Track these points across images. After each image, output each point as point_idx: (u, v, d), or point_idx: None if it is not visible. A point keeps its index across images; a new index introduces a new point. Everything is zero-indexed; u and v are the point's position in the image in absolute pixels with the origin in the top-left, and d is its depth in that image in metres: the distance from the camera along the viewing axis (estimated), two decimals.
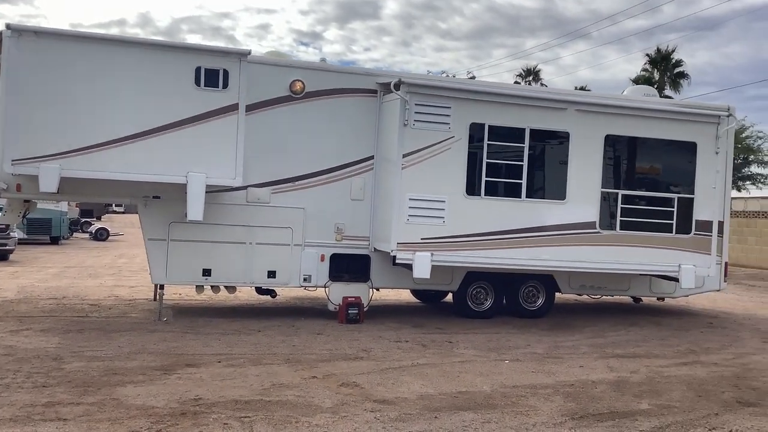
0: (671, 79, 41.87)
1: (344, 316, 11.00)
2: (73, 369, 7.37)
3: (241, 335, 9.67)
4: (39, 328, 9.57)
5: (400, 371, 7.97)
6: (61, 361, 7.68)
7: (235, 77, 10.08)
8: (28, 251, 23.70)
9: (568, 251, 11.29)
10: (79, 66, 9.54)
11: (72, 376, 7.11)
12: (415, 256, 10.58)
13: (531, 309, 12.26)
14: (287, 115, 11.00)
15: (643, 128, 11.71)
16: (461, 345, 9.68)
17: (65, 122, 9.48)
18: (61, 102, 9.47)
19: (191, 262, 10.68)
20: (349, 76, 11.34)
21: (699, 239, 11.76)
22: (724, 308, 14.56)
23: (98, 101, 9.61)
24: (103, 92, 9.63)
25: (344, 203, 11.30)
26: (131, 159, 9.71)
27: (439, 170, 10.74)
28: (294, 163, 11.08)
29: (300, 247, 11.12)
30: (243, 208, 10.88)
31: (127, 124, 9.69)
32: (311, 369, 7.86)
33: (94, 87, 9.60)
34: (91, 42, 9.70)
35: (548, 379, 7.91)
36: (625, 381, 7.95)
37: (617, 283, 12.60)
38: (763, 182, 31.16)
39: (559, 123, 11.29)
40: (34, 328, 9.56)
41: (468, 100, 10.86)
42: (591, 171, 11.41)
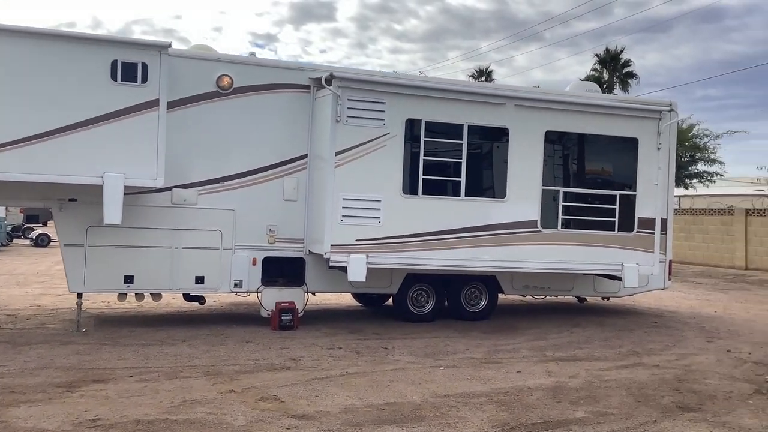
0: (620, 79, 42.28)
1: (277, 323, 10.47)
2: None
3: (163, 346, 9.07)
4: None
5: (327, 382, 7.48)
6: None
7: (155, 71, 9.46)
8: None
9: (509, 251, 10.94)
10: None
11: None
12: (349, 258, 10.11)
13: (473, 311, 11.88)
14: (214, 111, 10.42)
15: (585, 124, 11.44)
16: (397, 351, 9.24)
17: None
18: None
19: (112, 269, 10.02)
20: (280, 71, 10.81)
21: (642, 237, 11.52)
22: (669, 307, 14.41)
23: (6, 96, 8.90)
24: (12, 87, 8.91)
25: (277, 204, 10.76)
26: (42, 159, 9.00)
27: (374, 168, 10.29)
28: (223, 163, 10.50)
29: (230, 251, 10.55)
30: (168, 211, 10.26)
31: (36, 121, 8.97)
32: (231, 382, 7.33)
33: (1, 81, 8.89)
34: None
35: (483, 386, 7.51)
36: (562, 386, 7.59)
37: (561, 283, 12.30)
38: (710, 180, 31.51)
39: (498, 119, 10.93)
40: None
41: (403, 95, 10.42)
42: (531, 168, 11.08)
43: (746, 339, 10.87)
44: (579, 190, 11.58)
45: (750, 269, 23.67)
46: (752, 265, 23.76)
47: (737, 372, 8.57)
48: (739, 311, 14.11)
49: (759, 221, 23.71)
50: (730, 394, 7.46)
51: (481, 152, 11.18)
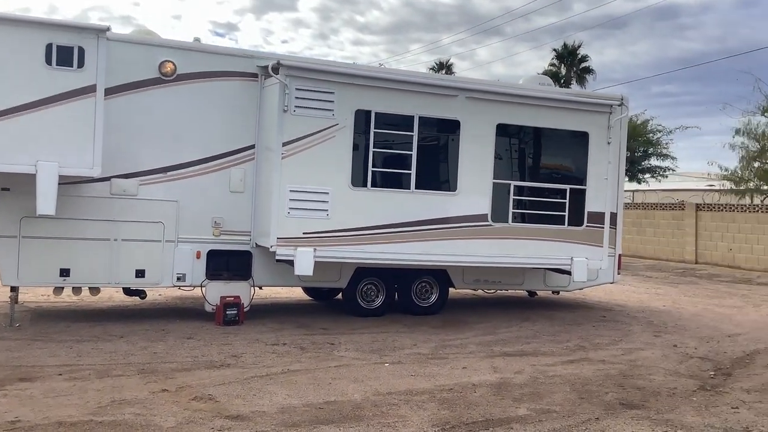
0: (577, 74, 42.74)
1: (222, 318, 10.18)
2: None
3: (99, 342, 8.73)
4: None
5: (267, 380, 7.25)
6: None
7: (92, 56, 9.06)
8: None
9: (459, 245, 10.81)
10: None
11: None
12: (296, 251, 9.86)
13: (424, 306, 11.75)
14: (157, 99, 10.05)
15: (536, 117, 11.34)
16: (343, 347, 9.05)
17: None
18: None
19: (47, 262, 9.61)
20: (227, 58, 10.48)
21: (591, 231, 11.49)
22: (619, 300, 14.48)
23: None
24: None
25: (223, 195, 10.44)
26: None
27: (323, 160, 10.04)
28: (165, 152, 10.15)
29: (173, 244, 10.21)
30: (107, 202, 9.89)
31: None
32: (165, 380, 7.05)
33: None
34: None
35: (427, 383, 7.36)
36: (507, 383, 7.48)
37: (511, 277, 12.23)
38: (662, 175, 31.95)
39: (449, 111, 10.77)
40: None
41: (353, 85, 10.18)
42: (482, 161, 10.95)
43: (693, 333, 10.94)
44: (530, 183, 11.50)
45: (700, 263, 24.04)
46: (702, 259, 24.14)
47: (682, 368, 8.58)
48: (687, 305, 14.24)
49: (709, 216, 24.08)
50: (674, 391, 7.43)
51: (432, 145, 11.02)
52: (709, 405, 6.95)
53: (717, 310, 13.72)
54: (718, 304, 14.63)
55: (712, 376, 8.21)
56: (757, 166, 25.89)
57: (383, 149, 10.48)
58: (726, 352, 9.57)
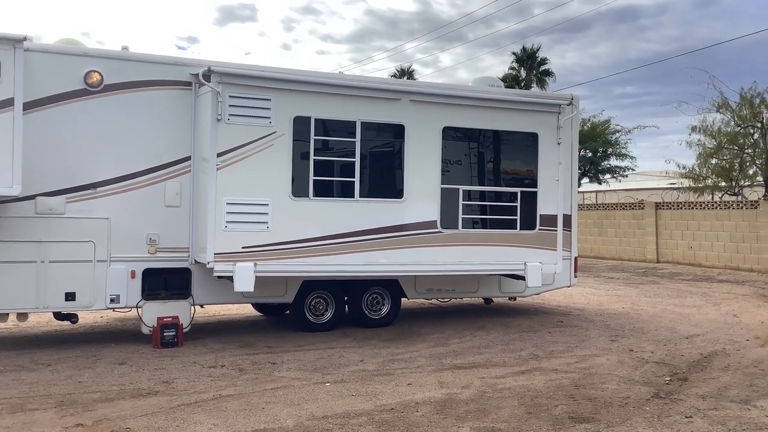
0: (537, 77, 42.72)
1: (159, 340, 9.65)
2: None
3: (23, 372, 8.15)
4: None
5: (195, 407, 6.76)
6: None
7: (8, 68, 8.51)
8: None
9: (408, 254, 10.42)
10: None
11: None
12: (235, 267, 9.38)
13: (376, 318, 11.32)
14: (83, 111, 9.51)
15: (484, 119, 11.02)
16: (285, 366, 8.58)
17: None
18: None
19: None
20: (157, 66, 9.97)
21: (544, 235, 11.19)
22: (578, 304, 14.20)
23: None
24: None
25: (158, 211, 9.92)
26: None
27: (261, 170, 9.59)
28: (94, 167, 9.61)
29: (105, 263, 9.65)
30: (31, 221, 9.30)
31: None
32: (83, 413, 6.52)
33: None
34: None
35: (367, 403, 6.93)
36: (452, 399, 7.08)
37: (465, 284, 11.86)
38: (622, 174, 31.98)
39: (392, 115, 10.39)
40: None
41: (290, 91, 9.75)
42: (429, 166, 10.59)
43: (650, 336, 10.66)
44: (480, 188, 11.17)
45: (661, 262, 23.98)
46: (663, 258, 24.08)
47: (637, 374, 8.26)
48: (647, 306, 14.01)
49: (668, 214, 24.04)
50: (626, 401, 7.09)
51: (377, 151, 10.62)
52: (662, 415, 6.61)
53: (676, 310, 13.50)
54: (678, 303, 14.43)
55: (667, 382, 7.90)
56: (714, 163, 25.99)
57: (325, 157, 10.06)
58: (683, 355, 9.29)
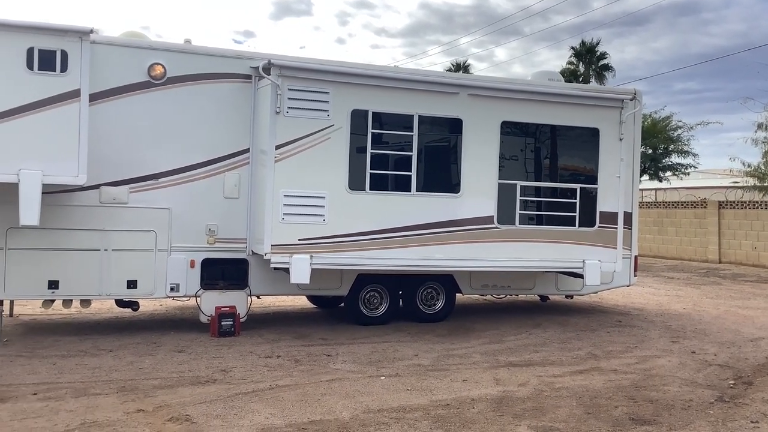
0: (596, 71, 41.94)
1: (216, 329, 9.80)
2: None
3: (85, 357, 8.37)
4: None
5: (252, 396, 6.83)
6: None
7: (75, 59, 8.72)
8: None
9: (464, 249, 10.33)
10: None
11: None
12: (292, 259, 9.45)
13: (430, 312, 11.28)
14: (147, 103, 9.70)
15: (543, 114, 10.84)
16: (340, 359, 8.61)
17: None
18: None
19: (34, 274, 9.27)
20: (218, 60, 10.09)
21: (604, 232, 10.95)
22: (637, 304, 13.89)
23: None
24: None
25: (217, 202, 10.06)
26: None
27: (318, 163, 9.63)
28: (157, 158, 9.79)
29: (165, 253, 9.84)
30: (96, 210, 9.54)
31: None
32: (144, 399, 6.65)
33: None
34: None
35: (422, 398, 6.89)
36: (509, 397, 6.99)
37: (521, 281, 11.72)
38: (684, 172, 31.13)
39: (450, 109, 10.31)
40: None
41: (348, 84, 9.75)
42: (487, 161, 10.47)
43: (713, 339, 10.35)
44: (538, 183, 11.00)
45: (723, 263, 23.29)
46: (725, 259, 23.38)
47: (700, 377, 8.02)
48: (708, 308, 13.62)
49: (732, 214, 23.32)
50: (689, 403, 6.89)
51: (434, 145, 10.55)
52: (727, 419, 6.41)
53: (740, 312, 13.08)
54: (742, 305, 13.99)
55: (731, 385, 7.65)
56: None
57: (382, 150, 10.04)
58: (747, 359, 8.99)
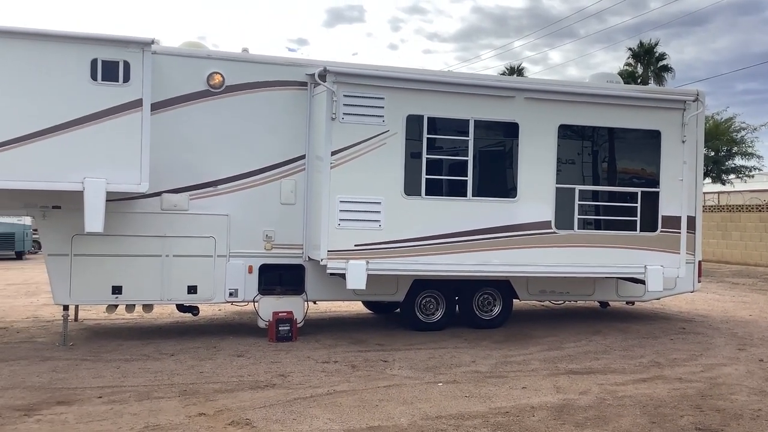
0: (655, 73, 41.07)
1: (274, 334, 9.89)
2: None
3: (148, 361, 8.54)
4: None
5: (311, 401, 6.85)
6: None
7: (137, 70, 8.94)
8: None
9: (521, 254, 10.20)
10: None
11: None
12: (348, 264, 9.48)
13: (487, 318, 11.16)
14: (206, 111, 9.87)
15: (602, 117, 10.65)
16: (396, 364, 8.58)
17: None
18: None
19: (99, 280, 9.52)
20: (275, 68, 10.20)
21: (666, 237, 10.68)
22: (701, 310, 13.49)
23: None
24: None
25: (274, 208, 10.17)
26: (19, 164, 8.51)
27: (374, 168, 9.65)
28: (215, 166, 9.96)
29: (224, 258, 10.00)
30: (157, 217, 9.75)
31: (13, 125, 8.50)
32: (205, 403, 6.74)
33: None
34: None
35: (481, 405, 6.81)
36: (570, 405, 6.85)
37: (580, 287, 11.50)
38: (748, 175, 30.19)
39: (506, 113, 10.20)
40: None
41: (403, 89, 9.76)
42: (544, 165, 10.33)
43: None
44: (597, 187, 10.83)
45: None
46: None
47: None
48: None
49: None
50: (758, 413, 6.65)
51: (490, 149, 10.48)
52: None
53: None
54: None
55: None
56: None
57: (437, 155, 10.01)
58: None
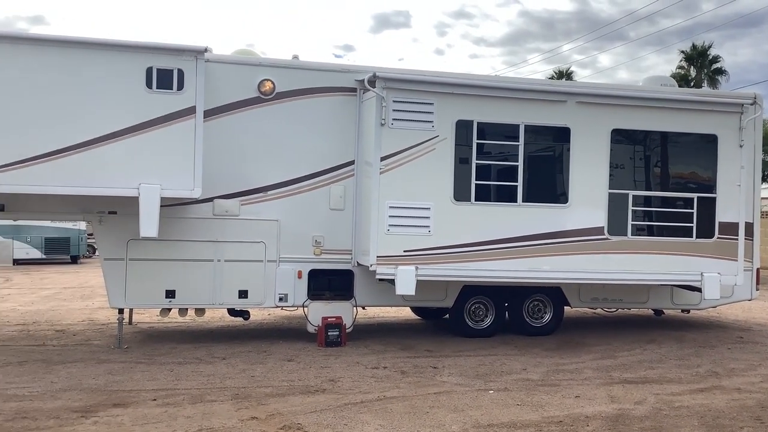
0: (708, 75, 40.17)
1: (323, 339, 9.93)
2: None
3: (200, 364, 8.66)
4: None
5: (361, 407, 6.85)
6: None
7: (191, 78, 9.10)
8: (42, 271, 23.22)
9: (572, 261, 10.05)
10: (17, 70, 8.60)
11: None
12: (397, 270, 9.47)
13: (537, 326, 11.03)
14: (257, 118, 9.99)
15: (657, 121, 10.44)
16: (446, 371, 8.52)
17: (2, 132, 8.56)
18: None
19: (153, 284, 9.70)
20: (325, 74, 10.28)
21: (723, 244, 10.40)
22: (759, 319, 13.11)
23: (40, 108, 8.65)
24: (45, 98, 8.66)
25: (323, 214, 10.23)
26: (77, 171, 8.75)
27: (423, 174, 9.63)
28: (266, 171, 10.06)
29: (274, 264, 10.08)
30: (209, 222, 9.89)
31: (71, 132, 8.72)
32: (257, 407, 6.79)
33: (34, 92, 8.65)
34: (30, 44, 8.76)
35: (533, 414, 6.72)
36: (625, 415, 6.70)
37: (634, 294, 11.27)
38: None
39: (558, 117, 10.08)
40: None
41: (453, 94, 9.72)
42: (596, 170, 10.16)
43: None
44: (651, 193, 10.60)
45: None
46: None
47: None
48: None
49: None
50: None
51: (541, 154, 10.35)
52: None
53: None
54: None
55: None
56: None
57: (487, 161, 9.93)
58: None
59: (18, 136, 8.61)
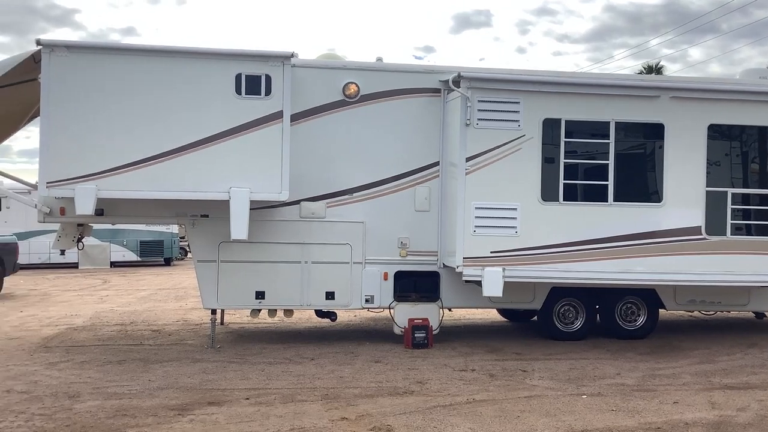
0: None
1: (410, 341, 9.91)
2: (83, 409, 6.70)
3: (290, 365, 8.80)
4: (80, 359, 9.07)
5: (450, 410, 6.79)
6: (76, 400, 7.04)
7: (278, 83, 9.28)
8: (137, 273, 24.17)
9: (667, 262, 9.69)
10: (113, 80, 8.99)
11: (77, 418, 6.43)
12: (484, 271, 9.37)
13: (630, 329, 10.67)
14: (341, 121, 10.09)
15: (755, 115, 9.95)
16: (536, 374, 8.36)
17: (101, 140, 8.94)
18: (96, 119, 8.94)
19: (243, 285, 9.93)
20: (407, 75, 10.27)
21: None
22: None
23: (134, 116, 9.02)
24: (140, 106, 9.03)
25: (408, 215, 10.22)
26: (171, 176, 9.08)
27: (510, 174, 9.48)
28: (351, 174, 10.14)
29: (360, 265, 10.14)
30: (296, 225, 10.05)
31: (165, 139, 9.07)
32: (346, 408, 6.84)
33: (129, 101, 9.02)
34: (124, 54, 9.15)
35: (629, 420, 6.50)
36: (727, 422, 6.40)
37: (733, 296, 10.75)
38: None
39: (650, 113, 9.74)
40: (76, 359, 9.06)
41: (540, 93, 9.54)
42: (693, 168, 9.77)
43: None
44: (752, 191, 10.10)
45: None
46: None
47: None
48: None
49: None
50: None
51: (632, 152, 10.04)
52: None
53: None
54: None
55: None
56: None
57: (576, 159, 9.70)
58: None
59: (115, 144, 8.98)
